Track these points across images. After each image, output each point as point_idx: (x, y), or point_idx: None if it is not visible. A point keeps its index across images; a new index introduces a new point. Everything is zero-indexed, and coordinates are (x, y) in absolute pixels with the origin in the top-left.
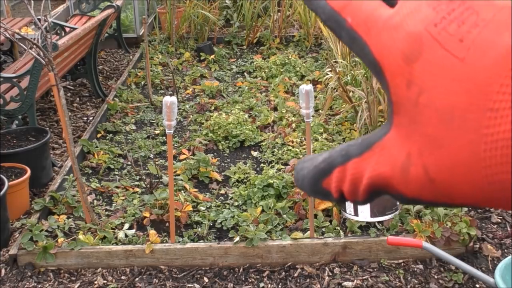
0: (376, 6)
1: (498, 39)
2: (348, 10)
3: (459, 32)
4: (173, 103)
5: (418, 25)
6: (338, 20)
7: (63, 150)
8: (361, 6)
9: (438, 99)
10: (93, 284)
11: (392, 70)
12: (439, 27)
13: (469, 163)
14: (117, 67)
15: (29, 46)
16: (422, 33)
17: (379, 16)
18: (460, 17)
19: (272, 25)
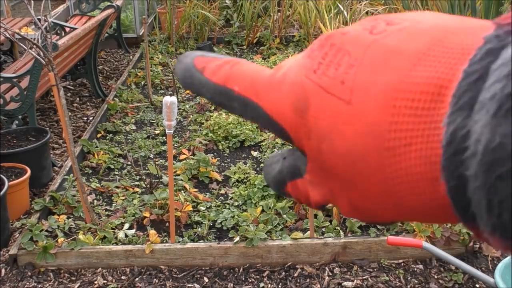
0: (258, 69)
1: (374, 78)
2: (232, 80)
3: (338, 75)
4: (173, 103)
5: (298, 74)
6: (225, 92)
7: (63, 150)
8: (244, 73)
9: (336, 146)
10: (93, 284)
11: (290, 125)
12: (319, 73)
13: (384, 196)
14: (117, 67)
15: (29, 46)
16: (304, 81)
17: (263, 76)
18: (334, 60)
19: (272, 25)
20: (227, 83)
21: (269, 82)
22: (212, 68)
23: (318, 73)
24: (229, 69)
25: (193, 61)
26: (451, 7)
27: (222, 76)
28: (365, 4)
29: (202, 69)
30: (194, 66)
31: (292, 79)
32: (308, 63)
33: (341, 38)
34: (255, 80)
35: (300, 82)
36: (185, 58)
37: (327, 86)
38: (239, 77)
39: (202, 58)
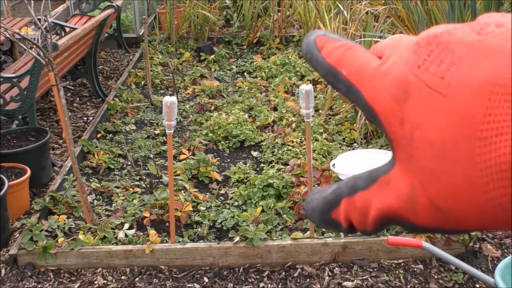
0: (367, 58)
1: (473, 73)
2: (343, 64)
3: (440, 71)
4: (173, 103)
5: (403, 68)
6: (335, 74)
7: (63, 150)
8: (354, 59)
9: (429, 133)
10: (93, 284)
11: (385, 111)
12: (422, 68)
13: (470, 191)
14: (117, 67)
15: (29, 46)
16: (408, 75)
17: (369, 66)
18: (439, 57)
19: (272, 25)
20: (338, 65)
21: (374, 72)
22: (329, 48)
23: (422, 69)
24: (342, 53)
25: (315, 38)
26: (451, 7)
27: (335, 58)
28: (365, 4)
29: (321, 47)
30: (315, 44)
31: (396, 72)
32: (413, 59)
33: (448, 37)
34: (362, 67)
35: (404, 76)
36: (311, 35)
37: (428, 81)
38: (348, 62)
39: (324, 37)
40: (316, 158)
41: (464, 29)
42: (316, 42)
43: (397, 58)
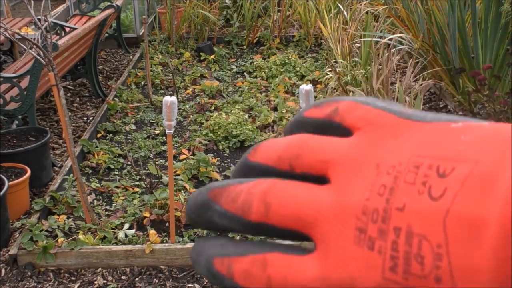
0: (297, 263)
1: (474, 266)
2: (275, 285)
3: (428, 271)
4: (173, 103)
5: (371, 276)
6: None
7: (63, 150)
8: (286, 275)
9: None
10: (93, 284)
11: None
12: (400, 271)
13: None
14: (117, 67)
15: (29, 46)
16: (386, 284)
17: (312, 276)
18: (412, 251)
19: (272, 25)
20: None
21: (327, 284)
22: (242, 271)
23: (399, 272)
24: (263, 271)
25: (213, 265)
26: (451, 7)
27: (260, 281)
28: (365, 4)
29: (229, 274)
30: (218, 272)
31: (365, 283)
32: (375, 259)
33: (403, 217)
34: (304, 282)
35: (381, 286)
36: (200, 258)
37: (415, 284)
38: (282, 282)
39: (221, 259)
40: None
41: (407, 191)
42: (219, 270)
43: (344, 260)
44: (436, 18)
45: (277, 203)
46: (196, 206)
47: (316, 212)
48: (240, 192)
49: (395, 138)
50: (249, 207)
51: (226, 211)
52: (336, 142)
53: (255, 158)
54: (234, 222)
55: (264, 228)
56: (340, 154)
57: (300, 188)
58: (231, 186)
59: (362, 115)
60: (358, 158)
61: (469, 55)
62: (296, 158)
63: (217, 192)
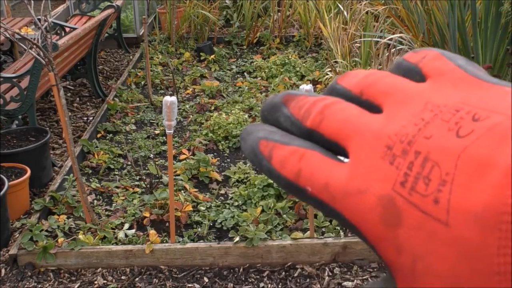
0: (328, 166)
1: (471, 196)
2: (303, 179)
3: (430, 192)
4: (173, 103)
5: (384, 186)
6: (298, 190)
7: (63, 150)
8: (314, 171)
9: (436, 266)
10: (93, 284)
11: (375, 236)
12: (407, 187)
13: None
14: (117, 67)
15: (29, 46)
16: (392, 195)
17: (337, 179)
18: (423, 172)
19: (272, 25)
20: (298, 180)
21: (346, 189)
22: (280, 157)
23: (407, 187)
24: (297, 163)
25: (258, 145)
26: (451, 7)
27: (292, 170)
28: (365, 4)
29: (269, 156)
30: (260, 152)
31: (377, 191)
32: (392, 173)
33: (426, 144)
34: (329, 182)
35: (388, 196)
36: (249, 137)
37: (420, 204)
38: (310, 175)
39: (267, 142)
40: None
41: (438, 126)
42: (261, 150)
43: (369, 169)
44: (436, 18)
45: (330, 117)
46: (270, 105)
47: (358, 129)
48: (307, 102)
49: (455, 87)
50: (308, 115)
51: (291, 114)
52: (405, 82)
53: (341, 82)
54: (294, 125)
55: (314, 134)
56: (401, 90)
57: (355, 111)
58: (302, 96)
59: (440, 66)
60: (413, 95)
61: (469, 55)
62: (367, 87)
63: (289, 98)
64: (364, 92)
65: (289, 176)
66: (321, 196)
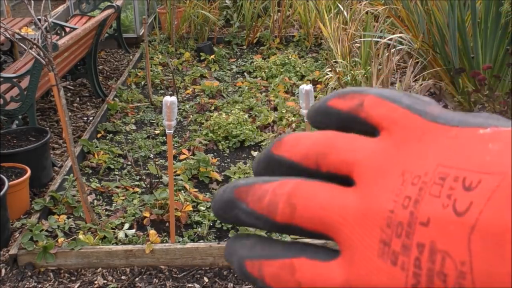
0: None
1: None
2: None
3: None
4: (173, 103)
5: None
6: None
7: (63, 150)
8: (312, 281)
9: None
10: (93, 284)
11: None
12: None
13: None
14: (117, 67)
15: (29, 46)
16: None
17: (336, 283)
18: (435, 268)
19: (272, 25)
20: None
21: None
22: (272, 275)
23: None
24: (291, 276)
25: (245, 267)
26: (451, 7)
27: (290, 285)
28: (365, 4)
29: (261, 277)
30: (251, 274)
31: None
32: (398, 276)
33: (427, 232)
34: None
35: None
36: (233, 258)
37: None
38: (310, 286)
39: (252, 262)
40: None
41: (431, 206)
42: (251, 272)
43: (368, 273)
44: (436, 18)
45: (302, 206)
46: (222, 203)
47: (341, 217)
48: (266, 192)
49: (420, 142)
50: (274, 209)
51: (252, 210)
52: (362, 143)
53: (279, 152)
54: (261, 221)
55: (290, 228)
56: (366, 157)
57: (325, 190)
58: (256, 185)
59: (388, 113)
60: (383, 162)
61: (469, 55)
62: (322, 157)
63: (242, 191)
64: (322, 164)
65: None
66: None
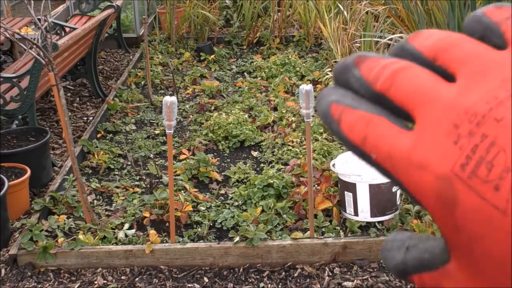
0: (395, 136)
1: None
2: (369, 145)
3: (492, 178)
4: (173, 103)
5: (443, 165)
6: (364, 155)
7: (63, 150)
8: (379, 138)
9: (492, 251)
10: (93, 284)
11: (434, 212)
12: (467, 170)
13: None
14: (117, 67)
15: (29, 46)
16: (450, 177)
17: (400, 148)
18: (486, 157)
19: (272, 25)
20: (364, 145)
21: (408, 161)
22: (348, 121)
23: (467, 171)
24: (364, 128)
25: (329, 108)
26: (451, 7)
27: (359, 136)
28: (365, 4)
29: (338, 120)
30: (330, 115)
31: (436, 170)
32: (454, 153)
33: (495, 128)
34: (392, 150)
35: (446, 176)
36: (322, 100)
37: (479, 190)
38: (375, 142)
39: (337, 106)
40: (316, 158)
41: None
42: (332, 113)
43: (431, 144)
44: (436, 18)
45: (401, 83)
46: (342, 66)
47: (428, 99)
48: (377, 65)
49: None
50: (377, 79)
51: (361, 76)
52: (485, 52)
53: (412, 41)
54: (363, 87)
55: (383, 99)
56: (478, 61)
57: (428, 78)
58: (373, 58)
59: None
60: (491, 68)
61: None
62: (442, 52)
63: (361, 59)
64: (438, 57)
65: (356, 141)
66: (385, 165)
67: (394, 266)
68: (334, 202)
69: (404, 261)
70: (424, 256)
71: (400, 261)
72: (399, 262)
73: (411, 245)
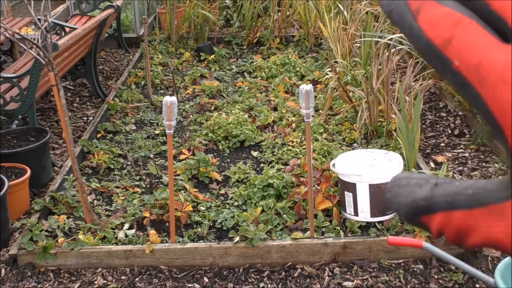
0: (488, 46)
1: None
2: (453, 49)
3: None
4: (173, 103)
5: None
6: (441, 59)
7: (63, 150)
8: (469, 44)
9: None
10: (93, 284)
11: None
12: None
13: None
14: (117, 67)
15: (29, 46)
16: None
17: (494, 63)
18: None
19: (272, 25)
20: (446, 48)
21: (500, 77)
22: (430, 16)
23: None
24: (451, 28)
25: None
26: None
27: (442, 36)
28: (365, 4)
29: (416, 11)
30: (406, 4)
31: None
32: None
33: None
34: (483, 62)
35: None
36: None
37: None
38: (463, 48)
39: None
40: (316, 158)
41: None
42: (408, 3)
43: None
44: None
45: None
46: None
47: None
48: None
49: None
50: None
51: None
52: None
53: None
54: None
55: (476, 2)
56: None
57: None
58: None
59: None
60: None
61: None
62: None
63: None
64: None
65: (436, 41)
66: (468, 75)
67: (411, 201)
68: (334, 202)
69: (430, 197)
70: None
71: (423, 196)
72: (420, 197)
73: (440, 182)
